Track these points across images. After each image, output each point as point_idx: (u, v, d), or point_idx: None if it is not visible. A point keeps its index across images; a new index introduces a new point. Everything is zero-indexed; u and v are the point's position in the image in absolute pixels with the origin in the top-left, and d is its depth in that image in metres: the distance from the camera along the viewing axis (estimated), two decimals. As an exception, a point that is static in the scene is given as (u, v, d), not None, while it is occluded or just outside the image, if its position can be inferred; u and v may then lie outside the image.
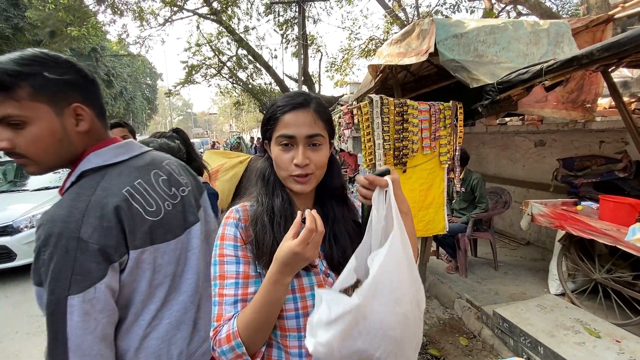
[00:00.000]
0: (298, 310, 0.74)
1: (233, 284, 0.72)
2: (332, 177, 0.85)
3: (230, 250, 0.74)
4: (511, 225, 4.68)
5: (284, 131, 0.74)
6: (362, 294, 0.62)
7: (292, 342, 0.76)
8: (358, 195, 0.79)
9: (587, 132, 3.64)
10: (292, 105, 0.75)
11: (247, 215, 0.79)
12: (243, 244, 0.75)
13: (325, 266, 0.80)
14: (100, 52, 22.48)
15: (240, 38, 10.32)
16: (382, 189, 0.74)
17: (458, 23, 2.85)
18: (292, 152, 0.75)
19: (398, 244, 0.67)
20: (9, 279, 4.16)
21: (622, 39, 1.86)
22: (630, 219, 2.30)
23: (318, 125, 0.76)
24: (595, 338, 2.07)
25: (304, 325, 0.74)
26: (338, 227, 0.83)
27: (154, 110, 37.35)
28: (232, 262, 0.74)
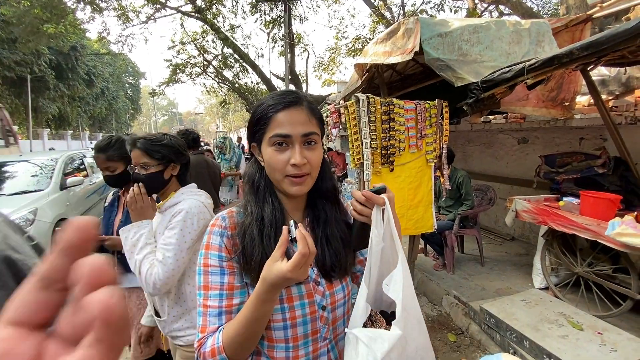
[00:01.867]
0: (286, 320, 0.71)
1: (217, 295, 0.70)
2: (324, 177, 0.82)
3: (214, 260, 0.72)
4: (496, 222, 4.77)
5: (278, 130, 0.70)
6: (400, 323, 0.63)
7: (279, 354, 0.73)
8: (351, 210, 0.77)
9: (567, 129, 3.74)
10: (284, 103, 0.71)
11: (234, 223, 0.75)
12: (228, 254, 0.72)
13: (315, 273, 0.77)
14: (80, 51, 21.82)
15: (225, 36, 10.17)
16: (379, 208, 0.73)
17: (442, 22, 2.87)
18: (287, 153, 0.71)
19: (405, 265, 0.68)
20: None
21: (601, 38, 1.90)
22: (610, 213, 2.36)
23: (312, 123, 0.73)
24: (578, 331, 2.12)
25: (292, 336, 0.72)
26: (330, 230, 0.80)
27: (137, 110, 36.54)
28: (217, 272, 0.71)
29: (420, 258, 3.88)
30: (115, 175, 1.56)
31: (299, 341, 0.73)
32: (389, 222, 0.71)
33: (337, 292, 0.78)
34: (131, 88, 34.28)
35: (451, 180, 3.46)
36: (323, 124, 0.79)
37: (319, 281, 0.77)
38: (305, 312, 0.73)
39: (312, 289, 0.75)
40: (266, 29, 11.17)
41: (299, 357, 0.73)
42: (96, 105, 26.05)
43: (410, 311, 0.65)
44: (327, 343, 0.77)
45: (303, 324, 0.72)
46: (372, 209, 0.73)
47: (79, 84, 22.88)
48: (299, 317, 0.72)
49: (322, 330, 0.75)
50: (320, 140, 0.77)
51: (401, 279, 0.65)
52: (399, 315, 0.63)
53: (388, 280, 0.68)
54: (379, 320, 0.74)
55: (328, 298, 0.76)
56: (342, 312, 0.79)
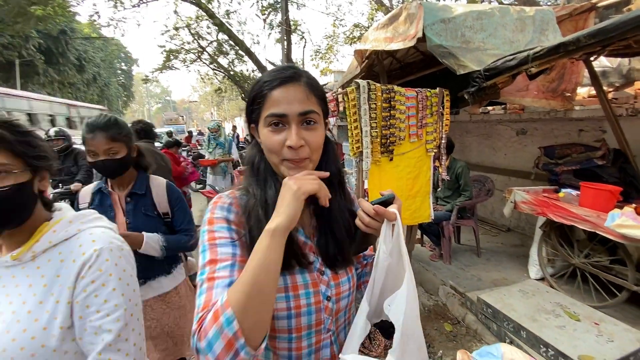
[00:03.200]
0: (290, 310, 0.67)
1: (228, 266, 0.61)
2: (328, 161, 0.76)
3: (223, 232, 0.65)
4: (492, 213, 4.78)
5: (273, 109, 0.65)
6: (396, 352, 0.59)
7: (281, 344, 0.70)
8: (357, 221, 0.71)
9: (567, 120, 3.72)
10: (280, 79, 0.65)
11: (238, 203, 0.71)
12: (238, 227, 0.66)
13: (320, 263, 0.74)
14: (70, 35, 21.22)
15: (220, 22, 9.92)
16: (389, 222, 0.67)
17: (445, 7, 2.80)
18: (283, 133, 0.65)
19: (411, 285, 0.63)
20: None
21: (609, 25, 1.85)
22: (609, 205, 2.36)
23: (311, 101, 0.67)
24: (575, 321, 2.13)
25: (295, 326, 0.68)
26: (334, 218, 0.75)
27: (130, 98, 35.91)
28: (227, 243, 0.63)
29: (417, 248, 3.88)
30: (117, 159, 1.31)
31: (303, 332, 0.69)
32: (398, 237, 0.66)
33: (343, 283, 0.75)
34: (124, 74, 33.59)
35: (450, 170, 3.43)
36: (326, 103, 0.73)
37: (323, 271, 0.73)
38: (310, 301, 0.69)
39: (316, 278, 0.71)
40: (262, 15, 10.95)
41: (301, 349, 0.70)
42: (87, 92, 25.49)
43: (411, 337, 0.61)
44: (330, 335, 0.74)
45: (307, 314, 0.69)
46: (381, 223, 0.68)
47: (70, 69, 22.34)
48: (303, 306, 0.68)
49: (326, 321, 0.72)
50: (322, 120, 0.70)
51: (404, 301, 0.60)
52: (396, 343, 0.59)
53: (390, 300, 0.64)
54: (377, 339, 0.71)
55: (333, 289, 0.73)
56: (345, 304, 0.76)
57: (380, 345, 0.69)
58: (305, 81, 0.67)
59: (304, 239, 0.74)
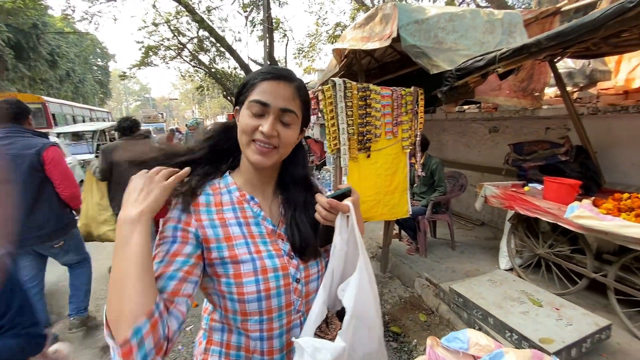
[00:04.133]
0: (260, 292, 0.71)
1: (158, 263, 0.64)
2: (297, 164, 0.84)
3: (169, 231, 0.69)
4: (467, 208, 4.95)
5: (258, 97, 0.70)
6: (345, 334, 0.63)
7: (252, 326, 0.73)
8: (316, 215, 0.76)
9: (535, 119, 3.90)
10: (275, 74, 0.71)
11: (198, 201, 0.75)
12: (187, 225, 0.70)
13: (289, 249, 0.78)
14: (42, 29, 20.29)
15: (201, 18, 9.77)
16: (343, 214, 0.73)
17: (419, 9, 2.89)
18: (261, 120, 0.71)
19: (364, 271, 0.68)
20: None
21: (567, 29, 1.98)
22: (570, 198, 2.51)
23: (295, 103, 0.73)
24: (538, 307, 2.26)
25: (266, 308, 0.72)
26: (299, 214, 0.82)
27: (107, 95, 34.72)
28: (168, 242, 0.68)
29: (395, 242, 3.98)
30: None
31: (274, 313, 0.73)
32: (353, 228, 0.71)
33: (312, 266, 0.80)
34: (100, 71, 32.41)
35: (425, 167, 3.55)
36: (308, 110, 0.79)
37: (292, 255, 0.78)
38: (279, 284, 0.73)
39: (286, 262, 0.76)
40: (244, 12, 10.84)
41: (273, 330, 0.74)
42: (61, 89, 24.45)
43: (362, 319, 0.66)
44: (300, 316, 0.78)
45: (277, 295, 0.73)
46: (336, 215, 0.73)
47: (41, 64, 21.34)
48: (272, 289, 0.72)
49: (296, 302, 0.76)
50: (299, 124, 0.76)
51: (356, 285, 0.65)
52: (345, 325, 0.64)
53: (344, 285, 0.68)
54: (334, 323, 0.75)
55: (302, 272, 0.78)
56: (315, 287, 0.80)
57: (336, 329, 0.73)
58: (296, 85, 0.73)
59: (272, 227, 0.79)
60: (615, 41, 2.50)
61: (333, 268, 0.73)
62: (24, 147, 2.17)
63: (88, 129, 8.84)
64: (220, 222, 0.73)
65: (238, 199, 0.78)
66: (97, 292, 3.06)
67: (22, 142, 2.19)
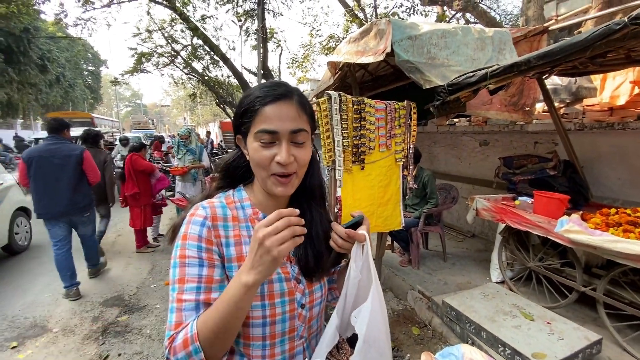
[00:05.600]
0: (266, 318, 0.69)
1: (194, 288, 0.64)
2: (313, 175, 0.79)
3: (193, 251, 0.66)
4: (458, 219, 5.00)
5: (265, 126, 0.66)
6: (356, 358, 0.65)
7: (255, 351, 0.72)
8: (331, 242, 0.77)
9: (524, 133, 3.99)
10: (273, 96, 0.67)
11: (216, 214, 0.71)
12: (209, 245, 0.68)
13: (297, 272, 0.76)
14: (33, 34, 20.06)
15: (195, 27, 9.79)
16: (359, 243, 0.74)
17: (413, 25, 2.95)
18: (273, 149, 0.67)
19: (376, 298, 0.69)
20: None
21: (555, 48, 2.04)
22: (559, 212, 2.56)
23: (302, 120, 0.69)
24: (530, 321, 2.28)
25: (270, 333, 0.71)
26: (315, 229, 0.78)
27: (97, 100, 34.31)
28: (195, 264, 0.66)
29: (387, 254, 3.98)
30: None
31: (277, 339, 0.72)
32: (367, 256, 0.73)
33: (316, 291, 0.78)
34: (91, 76, 32.08)
35: (417, 179, 3.58)
36: (314, 120, 0.76)
37: (300, 279, 0.76)
38: (285, 309, 0.71)
39: (293, 286, 0.74)
40: (239, 22, 10.90)
41: (275, 355, 0.73)
42: (50, 93, 24.08)
43: (373, 344, 0.67)
44: (302, 342, 0.76)
45: (282, 321, 0.71)
46: (353, 244, 0.74)
47: (31, 69, 21.04)
48: (278, 314, 0.70)
49: (300, 328, 0.75)
50: (310, 138, 0.73)
51: (369, 313, 0.67)
52: (357, 350, 0.66)
53: (357, 312, 0.70)
54: (344, 348, 0.76)
55: (307, 296, 0.76)
56: (317, 311, 0.80)
57: (347, 354, 0.73)
58: (296, 99, 0.69)
59: None
60: (601, 60, 2.60)
61: (346, 294, 0.75)
62: (70, 150, 3.39)
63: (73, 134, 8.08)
64: (235, 240, 0.72)
65: (250, 216, 0.76)
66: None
67: (66, 146, 3.40)
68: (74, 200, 3.37)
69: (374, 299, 0.69)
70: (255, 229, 0.58)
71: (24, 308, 3.26)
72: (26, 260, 4.51)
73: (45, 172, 3.25)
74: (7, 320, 3.05)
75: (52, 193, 3.27)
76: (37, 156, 3.24)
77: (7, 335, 2.82)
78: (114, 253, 4.68)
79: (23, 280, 3.88)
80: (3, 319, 3.07)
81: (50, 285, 3.75)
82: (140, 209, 4.55)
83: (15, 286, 3.73)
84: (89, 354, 2.58)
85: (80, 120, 12.91)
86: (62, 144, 3.38)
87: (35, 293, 3.58)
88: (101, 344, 2.71)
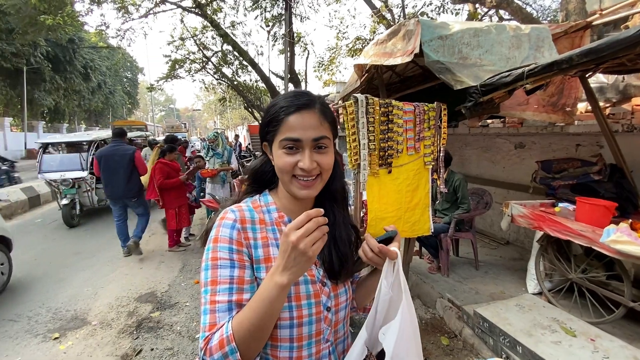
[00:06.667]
0: (293, 319, 0.71)
1: (227, 289, 0.67)
2: (335, 179, 0.82)
3: (224, 253, 0.69)
4: (491, 226, 4.78)
5: (289, 134, 0.70)
6: None
7: (282, 353, 0.73)
8: (360, 252, 0.77)
9: (564, 135, 3.75)
10: (296, 106, 0.71)
11: (244, 217, 0.75)
12: (240, 246, 0.71)
13: (322, 274, 0.78)
14: (78, 44, 21.58)
15: (225, 33, 10.10)
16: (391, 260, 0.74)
17: (443, 25, 2.86)
18: (297, 156, 0.71)
19: (407, 316, 0.68)
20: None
21: (601, 45, 1.90)
22: (605, 220, 2.37)
23: (324, 127, 0.73)
24: (571, 337, 2.12)
25: (297, 335, 0.72)
26: (339, 231, 0.81)
27: (135, 105, 36.30)
28: (227, 265, 0.68)
29: (415, 260, 3.88)
30: None
31: (304, 341, 0.73)
32: (398, 273, 0.72)
33: (341, 294, 0.80)
34: (129, 82, 34.04)
35: (448, 183, 3.46)
36: (336, 127, 0.79)
37: (325, 282, 0.78)
38: (311, 311, 0.73)
39: (318, 289, 0.76)
40: (266, 27, 11.12)
41: (302, 358, 0.74)
42: (92, 99, 25.81)
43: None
44: (328, 345, 0.77)
45: (308, 323, 0.73)
46: (383, 259, 0.74)
47: (76, 77, 22.69)
48: (305, 316, 0.72)
49: (326, 331, 0.76)
50: (332, 144, 0.76)
51: (397, 331, 0.66)
52: None
53: (385, 329, 0.69)
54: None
55: (333, 300, 0.77)
56: (343, 316, 0.81)
57: None
58: (318, 108, 0.73)
59: None
60: (653, 57, 2.38)
61: (376, 309, 0.74)
62: (126, 149, 4.57)
63: (83, 139, 7.22)
64: (263, 242, 0.74)
65: (276, 220, 0.79)
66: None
67: (124, 147, 4.60)
68: (127, 188, 4.50)
69: (404, 316, 0.67)
70: (286, 232, 0.59)
71: (65, 301, 3.48)
72: (69, 255, 4.82)
73: (109, 166, 4.45)
74: (50, 312, 3.27)
75: (113, 182, 4.47)
76: (104, 155, 4.52)
77: (50, 327, 3.02)
78: (147, 251, 4.90)
79: (65, 275, 4.15)
80: (47, 311, 3.29)
81: (89, 279, 3.99)
82: (174, 210, 4.72)
83: (57, 279, 4.00)
84: (124, 348, 2.70)
85: (137, 127, 15.53)
86: (121, 145, 4.60)
87: (76, 287, 3.81)
88: (135, 338, 2.83)
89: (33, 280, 3.98)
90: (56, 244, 5.34)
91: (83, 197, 6.45)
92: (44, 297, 3.57)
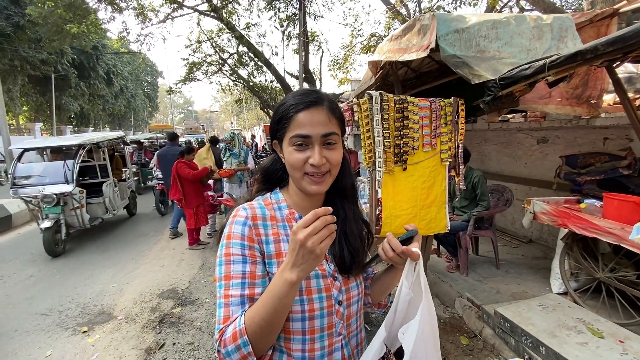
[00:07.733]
0: (305, 312, 0.73)
1: (239, 284, 0.69)
2: (344, 175, 0.83)
3: (237, 249, 0.72)
4: (513, 223, 4.64)
5: (298, 131, 0.72)
6: None
7: (295, 346, 0.75)
8: (380, 250, 0.78)
9: (590, 128, 3.59)
10: (305, 103, 0.72)
11: (256, 214, 0.77)
12: (251, 242, 0.73)
13: (333, 269, 0.79)
14: (101, 50, 22.42)
15: (240, 35, 10.24)
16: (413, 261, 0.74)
17: (459, 18, 2.79)
18: (307, 152, 0.72)
19: (426, 316, 0.68)
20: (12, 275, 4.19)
21: (628, 33, 1.81)
22: (635, 217, 2.25)
23: (332, 124, 0.74)
24: (599, 338, 2.04)
25: (309, 328, 0.74)
26: (349, 227, 0.82)
27: (155, 108, 37.40)
28: (239, 261, 0.71)
29: (433, 259, 3.82)
30: None
31: (316, 334, 0.74)
32: (419, 274, 0.72)
33: (352, 288, 0.81)
34: (149, 86, 35.09)
35: (466, 180, 3.38)
36: (344, 123, 0.80)
37: (336, 276, 0.79)
38: (322, 305, 0.74)
39: (329, 283, 0.77)
40: (281, 27, 11.19)
41: (314, 350, 0.75)
42: (115, 103, 26.80)
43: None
44: (341, 339, 0.78)
45: (320, 317, 0.74)
46: (404, 260, 0.75)
47: (99, 82, 23.62)
48: (316, 309, 0.73)
49: (337, 325, 0.77)
50: (341, 140, 0.78)
51: (416, 330, 0.66)
52: None
53: (404, 328, 0.70)
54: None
55: (344, 294, 0.78)
56: (355, 310, 0.82)
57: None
58: (327, 105, 0.74)
59: None
60: (687, 43, 2.24)
61: (396, 309, 0.75)
62: (175, 150, 5.46)
63: (70, 142, 5.49)
64: (274, 238, 0.76)
65: (287, 216, 0.81)
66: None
67: (175, 148, 5.72)
68: None
69: (423, 316, 0.67)
70: (294, 230, 0.60)
71: (93, 296, 3.64)
72: (96, 253, 5.03)
73: (166, 164, 5.60)
74: (80, 307, 3.43)
75: (167, 176, 5.35)
76: (162, 154, 5.93)
77: (80, 321, 3.17)
78: (169, 249, 5.05)
79: (94, 272, 4.33)
80: (77, 305, 3.45)
81: (116, 276, 4.15)
82: (192, 210, 4.87)
83: (87, 276, 4.18)
84: (148, 342, 2.80)
85: (167, 130, 17.23)
86: (173, 147, 5.91)
87: (104, 283, 3.97)
88: (158, 332, 2.93)
89: (63, 277, 4.14)
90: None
91: (70, 217, 5.08)
92: (73, 292, 3.75)
